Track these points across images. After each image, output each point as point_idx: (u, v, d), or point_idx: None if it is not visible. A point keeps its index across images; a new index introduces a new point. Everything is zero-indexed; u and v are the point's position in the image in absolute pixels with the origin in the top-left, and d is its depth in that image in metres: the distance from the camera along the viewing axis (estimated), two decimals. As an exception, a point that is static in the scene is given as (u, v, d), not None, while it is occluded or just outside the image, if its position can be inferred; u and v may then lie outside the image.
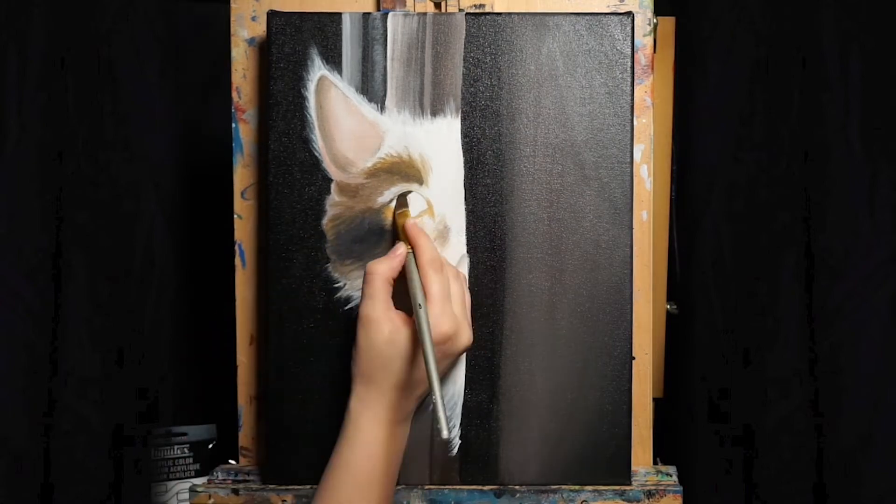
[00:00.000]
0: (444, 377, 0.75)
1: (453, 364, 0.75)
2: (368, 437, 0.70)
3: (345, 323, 0.77)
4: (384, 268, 0.71)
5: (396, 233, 0.76)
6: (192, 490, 0.79)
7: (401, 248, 0.73)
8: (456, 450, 0.78)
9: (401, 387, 0.70)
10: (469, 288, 0.76)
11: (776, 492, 0.91)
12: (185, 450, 1.06)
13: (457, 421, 0.77)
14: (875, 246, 0.86)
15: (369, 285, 0.71)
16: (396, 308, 0.71)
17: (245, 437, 0.81)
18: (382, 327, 0.70)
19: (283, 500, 0.78)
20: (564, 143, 0.77)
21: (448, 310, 0.70)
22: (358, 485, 0.69)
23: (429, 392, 0.73)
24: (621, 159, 0.77)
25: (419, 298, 0.69)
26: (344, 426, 0.71)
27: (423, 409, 0.77)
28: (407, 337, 0.70)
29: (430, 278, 0.70)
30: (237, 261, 0.81)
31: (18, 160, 0.86)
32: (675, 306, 0.96)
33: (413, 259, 0.72)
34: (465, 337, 0.72)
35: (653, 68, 0.80)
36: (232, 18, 0.81)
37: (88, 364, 0.91)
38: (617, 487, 0.77)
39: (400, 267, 0.72)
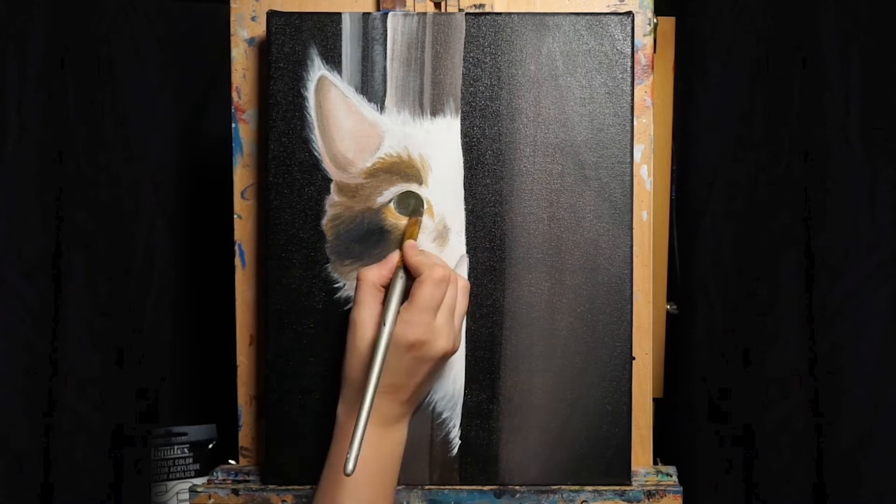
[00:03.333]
0: (430, 381, 0.75)
1: (435, 369, 0.73)
2: None
3: (344, 323, 0.77)
4: (374, 274, 0.72)
5: (402, 235, 0.76)
6: (192, 490, 0.79)
7: (395, 257, 0.73)
8: (456, 450, 0.78)
9: (384, 391, 0.70)
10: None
11: (776, 492, 0.91)
12: (185, 450, 1.06)
13: (457, 421, 0.77)
14: (875, 246, 0.86)
15: (359, 290, 0.72)
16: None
17: (245, 437, 0.81)
18: (367, 332, 0.71)
19: (283, 500, 0.78)
20: (564, 143, 0.77)
21: (424, 319, 0.70)
22: (343, 486, 0.70)
23: (421, 399, 0.75)
24: (621, 159, 0.77)
25: (387, 317, 0.68)
26: (333, 431, 0.72)
27: (423, 410, 0.77)
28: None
29: (423, 285, 0.70)
30: (237, 261, 0.81)
31: (18, 160, 0.86)
32: (675, 306, 0.96)
33: (400, 272, 0.71)
34: (441, 344, 0.71)
35: (653, 68, 0.80)
36: (232, 18, 0.81)
37: (88, 364, 0.91)
38: (617, 487, 0.77)
39: (391, 273, 0.72)
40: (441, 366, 0.74)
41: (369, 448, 0.70)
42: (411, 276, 0.72)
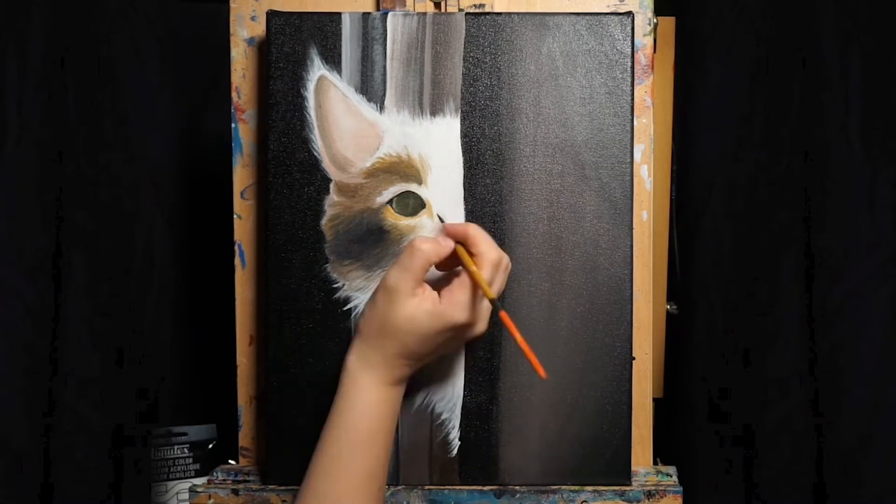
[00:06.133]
0: (446, 364, 0.77)
1: (459, 346, 0.76)
2: (365, 397, 0.71)
3: (344, 322, 0.77)
4: (430, 247, 0.71)
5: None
6: (192, 490, 0.79)
7: (450, 242, 0.72)
8: (456, 450, 0.78)
9: (406, 356, 0.72)
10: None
11: (776, 492, 0.91)
12: (185, 450, 1.06)
13: (457, 422, 0.77)
14: (875, 246, 0.86)
15: (410, 257, 0.70)
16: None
17: (245, 437, 0.81)
18: (407, 301, 0.70)
19: (283, 501, 0.78)
20: (564, 143, 0.77)
21: (477, 304, 0.71)
22: (352, 442, 0.71)
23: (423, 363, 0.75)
24: (621, 159, 0.77)
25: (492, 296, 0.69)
26: (341, 383, 0.72)
27: (422, 411, 0.77)
28: (429, 314, 0.70)
29: (486, 271, 0.71)
30: (237, 261, 0.81)
31: (18, 160, 0.86)
32: (675, 306, 0.96)
33: (466, 254, 0.72)
34: (481, 326, 0.73)
35: (653, 68, 0.80)
36: (231, 18, 0.81)
37: (88, 364, 0.91)
38: (617, 487, 0.77)
39: (446, 255, 0.72)
40: (462, 342, 0.76)
41: (384, 404, 0.72)
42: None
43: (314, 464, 0.71)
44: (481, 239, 0.72)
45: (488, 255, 0.71)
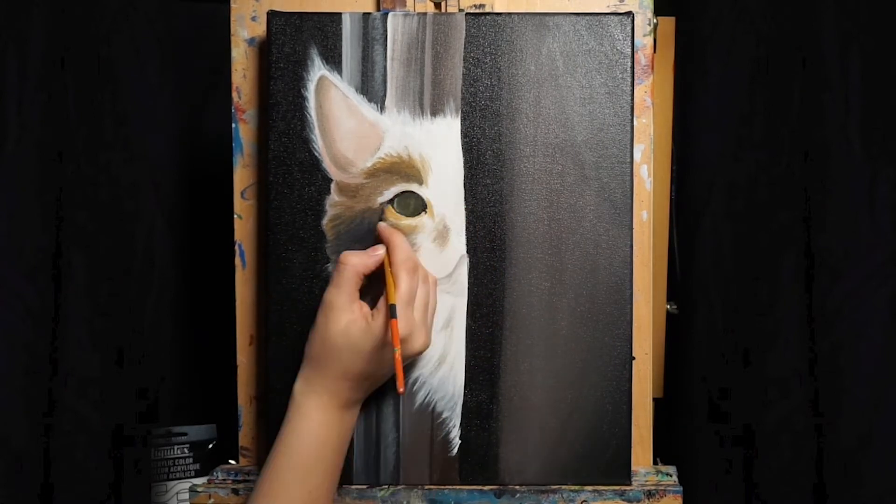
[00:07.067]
0: (447, 363, 0.77)
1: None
2: (309, 422, 0.71)
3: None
4: (357, 260, 0.72)
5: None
6: (192, 490, 0.79)
7: (380, 250, 0.74)
8: (456, 450, 0.78)
9: (348, 377, 0.72)
10: (469, 288, 0.76)
11: (776, 492, 0.91)
12: (185, 450, 1.06)
13: (457, 421, 0.77)
14: (875, 246, 0.86)
15: (339, 274, 0.72)
16: (364, 301, 0.73)
17: (245, 437, 0.81)
18: (341, 316, 0.71)
19: (283, 500, 0.78)
20: (564, 143, 0.77)
21: (406, 314, 0.71)
22: (295, 468, 0.71)
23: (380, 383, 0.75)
24: (621, 159, 0.77)
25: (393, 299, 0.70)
26: (288, 408, 0.73)
27: (422, 410, 0.77)
28: (362, 330, 0.70)
29: (399, 279, 0.71)
30: (237, 261, 0.81)
31: (18, 160, 0.86)
32: (675, 306, 0.96)
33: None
34: (420, 342, 0.72)
35: (653, 68, 0.80)
36: (232, 18, 0.81)
37: (88, 364, 0.91)
38: (617, 487, 0.77)
39: (375, 265, 0.73)
40: (409, 362, 0.75)
41: (330, 429, 0.71)
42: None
43: (257, 488, 0.71)
44: (400, 248, 0.73)
45: (404, 264, 0.72)
